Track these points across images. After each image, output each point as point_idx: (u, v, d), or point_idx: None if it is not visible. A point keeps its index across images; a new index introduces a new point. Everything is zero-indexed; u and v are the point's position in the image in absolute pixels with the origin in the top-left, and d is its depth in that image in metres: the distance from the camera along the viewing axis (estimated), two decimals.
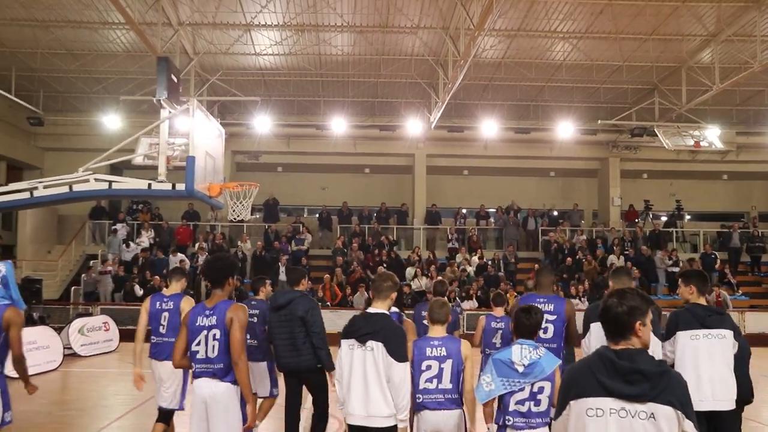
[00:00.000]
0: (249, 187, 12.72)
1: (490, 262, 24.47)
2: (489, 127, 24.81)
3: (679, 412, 3.10)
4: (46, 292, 21.51)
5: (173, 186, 10.44)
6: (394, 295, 5.43)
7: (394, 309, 6.88)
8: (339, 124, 24.65)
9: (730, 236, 26.53)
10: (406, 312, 11.72)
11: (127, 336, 19.31)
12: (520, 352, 4.87)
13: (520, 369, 4.80)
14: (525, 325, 5.05)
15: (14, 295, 5.88)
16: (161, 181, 10.57)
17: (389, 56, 21.69)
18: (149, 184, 10.59)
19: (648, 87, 24.04)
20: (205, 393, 5.22)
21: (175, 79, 12.29)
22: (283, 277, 22.93)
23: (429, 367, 5.43)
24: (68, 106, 25.92)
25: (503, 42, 20.51)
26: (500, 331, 8.73)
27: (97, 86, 24.09)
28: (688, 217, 29.57)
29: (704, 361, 5.77)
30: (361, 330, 5.19)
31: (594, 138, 27.35)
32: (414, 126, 24.75)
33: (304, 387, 7.47)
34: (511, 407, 4.81)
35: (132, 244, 24.28)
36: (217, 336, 5.22)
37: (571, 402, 3.28)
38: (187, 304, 7.29)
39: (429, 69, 22.29)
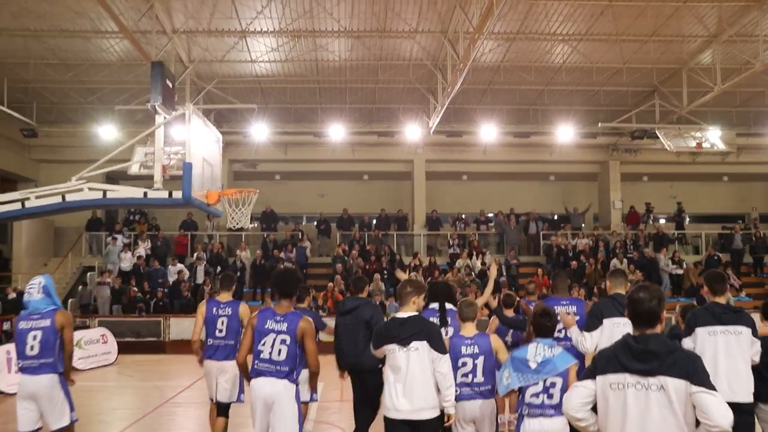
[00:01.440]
0: (248, 193, 12.60)
1: (489, 267, 24.18)
2: (488, 132, 24.61)
3: (687, 381, 3.65)
4: None
5: (170, 194, 10.18)
6: (415, 298, 5.94)
7: (450, 306, 7.42)
8: (337, 131, 24.39)
9: (732, 238, 26.28)
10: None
11: (125, 348, 19.04)
12: (535, 350, 5.50)
13: (533, 366, 5.42)
14: (547, 327, 5.69)
15: (57, 302, 6.82)
16: (157, 189, 10.28)
17: (387, 61, 21.43)
18: (145, 193, 10.34)
19: (648, 89, 23.80)
20: (267, 391, 5.86)
21: (170, 85, 11.99)
22: None
23: (464, 364, 6.12)
24: (62, 117, 25.59)
25: (502, 45, 20.26)
26: (511, 330, 8.86)
27: (92, 96, 23.77)
28: (688, 219, 29.38)
29: (721, 356, 6.09)
30: (402, 334, 5.72)
31: (594, 141, 27.15)
32: (412, 131, 24.52)
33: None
34: (527, 399, 5.45)
35: (128, 253, 23.90)
36: (287, 342, 5.90)
37: (598, 377, 3.91)
38: (244, 309, 8.20)
39: (427, 74, 22.04)
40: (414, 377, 5.63)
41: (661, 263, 24.43)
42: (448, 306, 7.35)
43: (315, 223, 27.71)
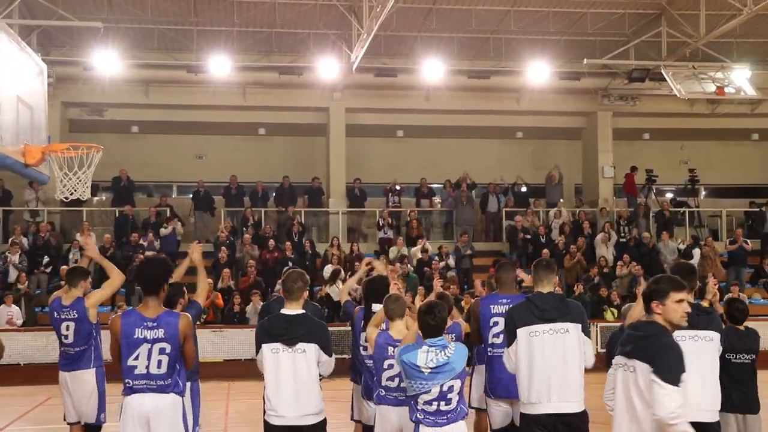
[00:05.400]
0: (87, 151, 12.21)
1: (436, 257, 24.24)
2: (432, 70, 24.70)
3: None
4: None
5: None
6: (306, 294, 7.36)
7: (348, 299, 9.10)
8: (220, 65, 24.09)
9: (764, 217, 26.76)
10: None
11: None
12: (426, 356, 6.46)
13: (426, 372, 6.42)
14: (431, 326, 6.61)
15: None
16: None
17: None
18: None
19: (653, 11, 24.09)
20: (147, 409, 6.53)
21: None
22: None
23: (391, 366, 7.24)
24: None
25: None
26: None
27: None
28: (704, 192, 29.83)
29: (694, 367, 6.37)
30: (288, 333, 7.01)
31: (577, 84, 27.27)
32: (328, 68, 24.43)
33: None
34: (420, 406, 6.54)
35: None
36: (167, 351, 6.55)
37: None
38: (92, 304, 9.22)
39: None
40: (300, 380, 6.98)
41: (664, 252, 24.69)
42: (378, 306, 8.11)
43: (190, 195, 27.37)
